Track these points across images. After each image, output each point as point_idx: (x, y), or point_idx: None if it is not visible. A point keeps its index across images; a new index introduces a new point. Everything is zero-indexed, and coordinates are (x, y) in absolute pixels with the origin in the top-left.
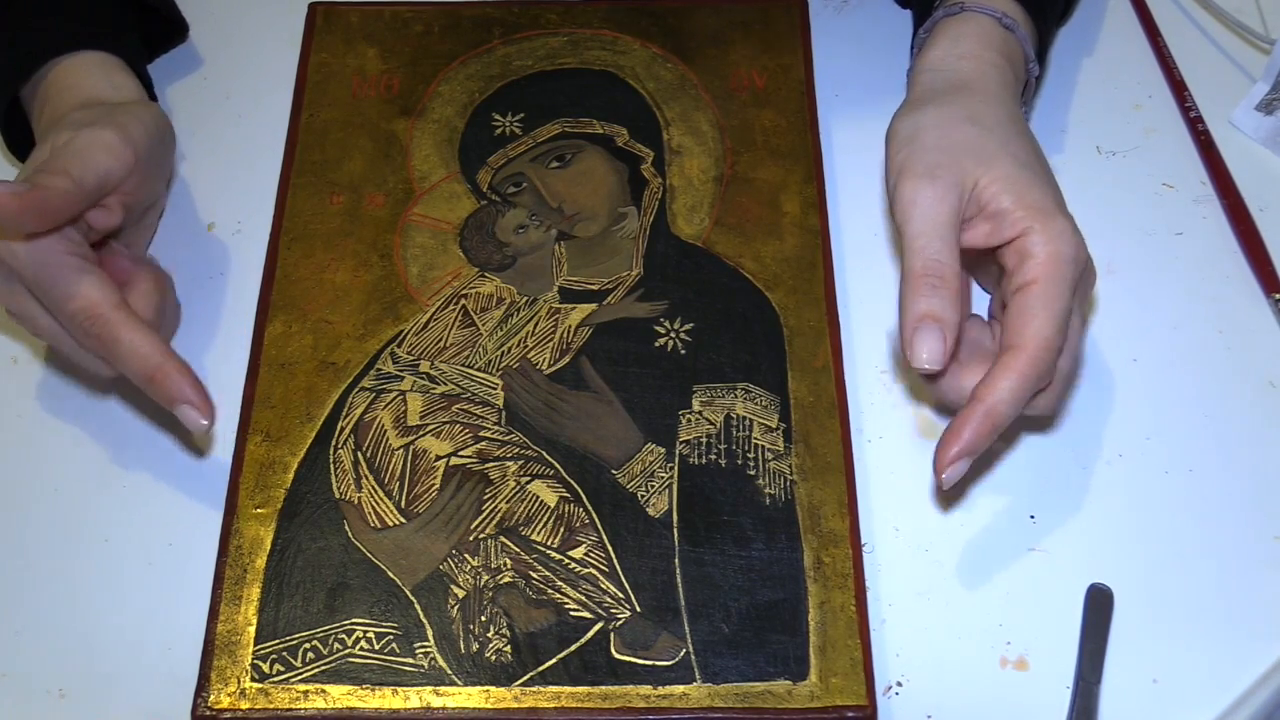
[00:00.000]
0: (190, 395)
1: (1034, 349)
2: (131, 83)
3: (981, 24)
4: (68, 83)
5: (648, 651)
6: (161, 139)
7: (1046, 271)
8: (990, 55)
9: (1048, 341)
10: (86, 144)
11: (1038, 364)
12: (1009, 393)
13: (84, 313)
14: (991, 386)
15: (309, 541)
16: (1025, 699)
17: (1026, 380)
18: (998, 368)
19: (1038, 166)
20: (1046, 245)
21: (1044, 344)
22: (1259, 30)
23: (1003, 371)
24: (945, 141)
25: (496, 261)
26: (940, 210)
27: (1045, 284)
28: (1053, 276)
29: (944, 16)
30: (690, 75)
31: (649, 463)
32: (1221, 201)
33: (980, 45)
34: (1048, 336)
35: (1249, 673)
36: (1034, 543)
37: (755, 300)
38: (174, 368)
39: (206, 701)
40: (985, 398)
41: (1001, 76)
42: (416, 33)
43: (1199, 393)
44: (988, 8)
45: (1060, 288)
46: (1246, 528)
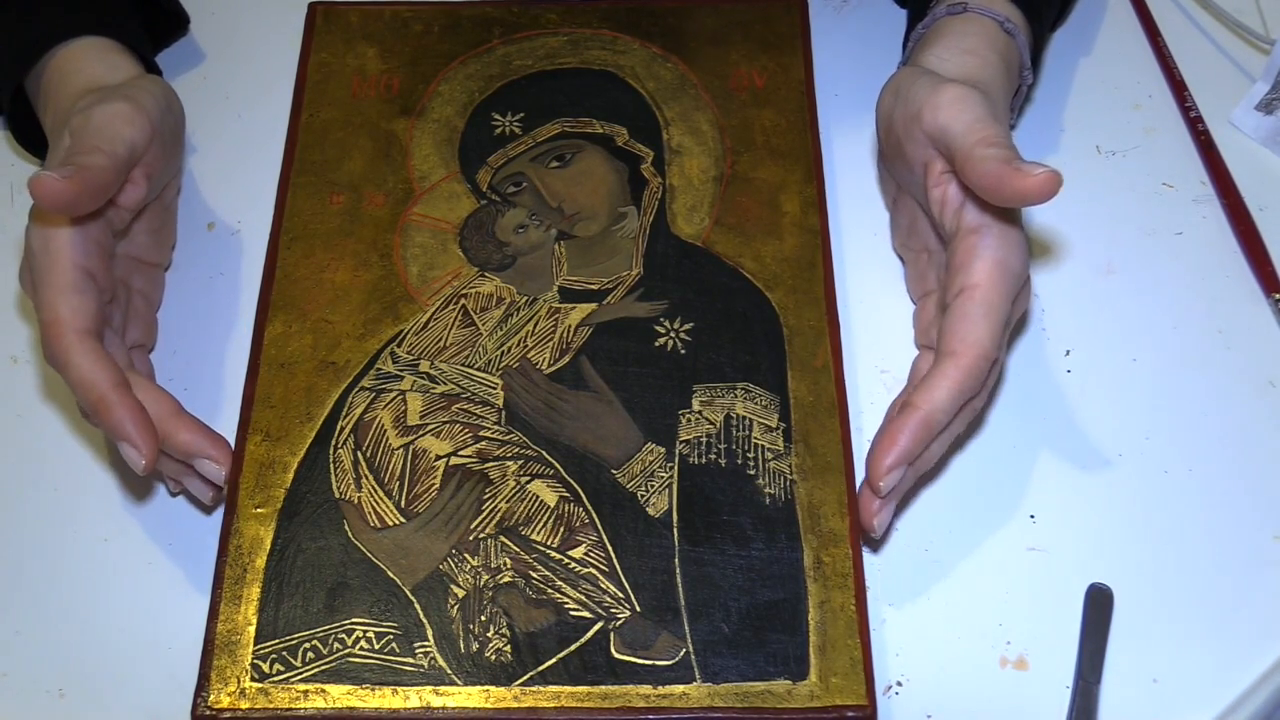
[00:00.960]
0: (130, 433)
1: (973, 358)
2: (128, 62)
3: (985, 26)
4: (66, 70)
5: (648, 651)
6: (169, 107)
7: (990, 279)
8: (993, 58)
9: (986, 352)
10: (104, 118)
11: (975, 374)
12: (947, 400)
13: (46, 325)
14: (929, 393)
15: (309, 541)
16: (1025, 699)
17: (963, 391)
18: (935, 374)
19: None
20: (996, 251)
21: (982, 354)
22: (1259, 30)
23: (940, 379)
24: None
25: (496, 261)
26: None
27: (987, 291)
28: (995, 285)
29: (946, 14)
30: (690, 75)
31: (649, 462)
32: (1221, 201)
33: (985, 46)
34: (987, 345)
35: (1249, 673)
36: (1034, 543)
37: (755, 300)
38: (119, 400)
39: (206, 701)
40: (922, 405)
41: (1001, 82)
42: (416, 32)
43: (1199, 393)
44: (991, 10)
45: (1001, 298)
46: (1246, 528)
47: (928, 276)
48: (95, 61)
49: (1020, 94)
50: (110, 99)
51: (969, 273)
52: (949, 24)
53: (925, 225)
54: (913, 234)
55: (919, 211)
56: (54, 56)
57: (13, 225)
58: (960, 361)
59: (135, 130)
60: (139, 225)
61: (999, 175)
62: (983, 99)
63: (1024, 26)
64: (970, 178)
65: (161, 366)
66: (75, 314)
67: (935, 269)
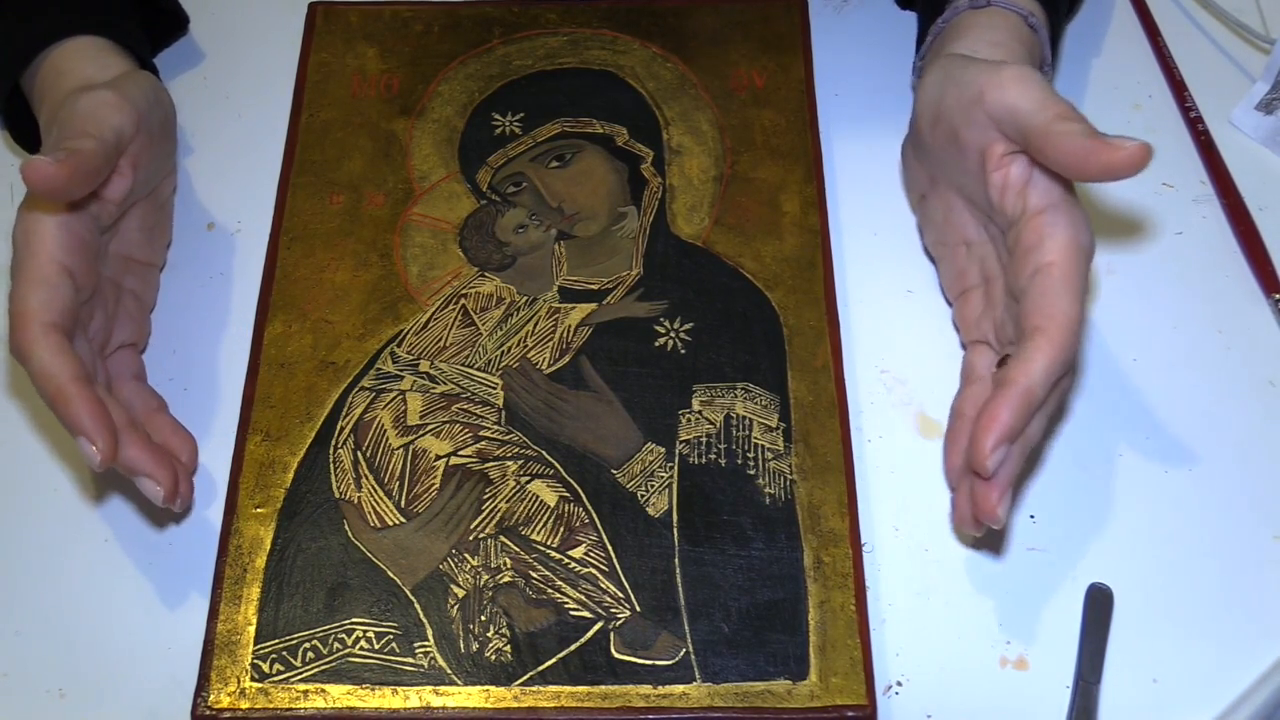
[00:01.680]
0: (86, 427)
1: (1064, 331)
2: (122, 61)
3: (1010, 20)
4: (61, 69)
5: (648, 651)
6: (158, 100)
7: (1067, 255)
8: (1020, 51)
9: (1075, 324)
10: (91, 105)
11: (1067, 346)
12: (1043, 373)
13: (14, 316)
14: (1026, 366)
15: (309, 541)
16: (1025, 699)
17: (1057, 363)
18: (1029, 349)
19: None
20: (1067, 229)
21: (1072, 326)
22: (1259, 30)
23: (1034, 352)
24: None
25: (496, 261)
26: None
27: (1065, 267)
28: (1073, 261)
29: (968, 9)
30: (690, 75)
31: (649, 462)
32: (1221, 201)
33: (1012, 39)
34: (1075, 319)
35: (1249, 673)
36: (1034, 543)
37: (755, 300)
38: (77, 394)
39: (206, 701)
40: (1020, 379)
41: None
42: (416, 32)
43: (1199, 392)
44: (1014, 5)
45: (1079, 272)
46: (1246, 527)
47: (968, 272)
48: (88, 61)
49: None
50: (96, 89)
51: (1043, 251)
52: (973, 18)
53: (965, 217)
54: (949, 228)
55: (956, 202)
56: (49, 56)
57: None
58: (1052, 335)
59: (122, 117)
60: (131, 222)
61: (1086, 149)
62: (1043, 79)
63: (1044, 22)
64: (1052, 154)
65: (161, 366)
66: (44, 307)
67: (976, 262)
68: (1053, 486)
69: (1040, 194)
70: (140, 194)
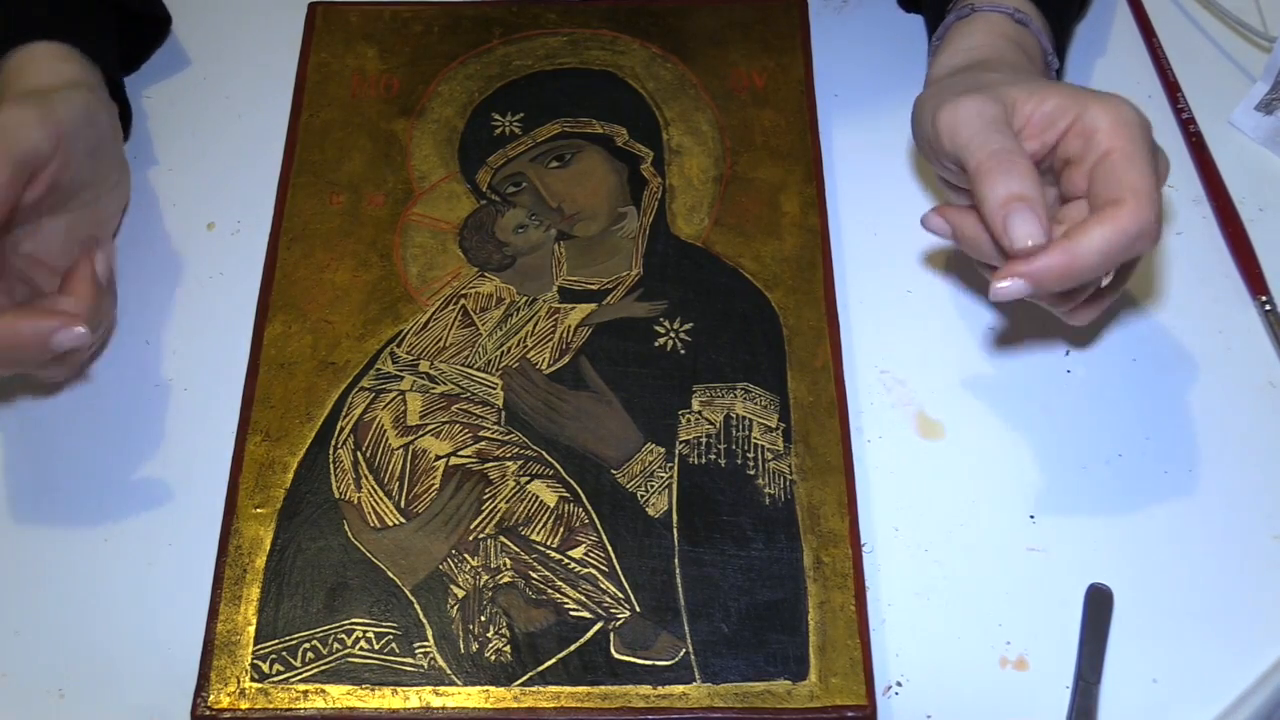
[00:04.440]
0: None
1: (1133, 201)
2: (77, 71)
3: (992, 20)
4: (19, 69)
5: (647, 651)
6: (90, 121)
7: (1120, 136)
8: (1002, 43)
9: (1145, 194)
10: (10, 121)
11: (1138, 217)
12: (1100, 240)
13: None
14: (1084, 232)
15: (309, 541)
16: (1025, 699)
17: (1124, 233)
18: (1093, 219)
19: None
20: (1107, 114)
21: (1142, 197)
22: (1259, 29)
23: (1098, 221)
24: (969, 82)
25: (496, 261)
26: (985, 109)
27: (1125, 145)
28: (1128, 138)
29: (955, 20)
30: (690, 75)
31: (649, 462)
32: (1211, 204)
33: (991, 36)
34: (1143, 189)
35: (1249, 673)
36: (1034, 543)
37: (755, 300)
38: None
39: (206, 701)
40: (1074, 237)
41: (1014, 58)
42: (416, 33)
43: (1199, 393)
44: (998, 6)
45: (1139, 145)
46: (1246, 528)
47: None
48: (44, 68)
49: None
50: (19, 104)
51: (1094, 146)
52: (956, 29)
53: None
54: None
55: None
56: (10, 59)
57: None
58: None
59: (40, 134)
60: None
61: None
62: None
63: (1038, 16)
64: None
65: (161, 366)
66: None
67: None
68: (1053, 486)
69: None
70: (58, 208)
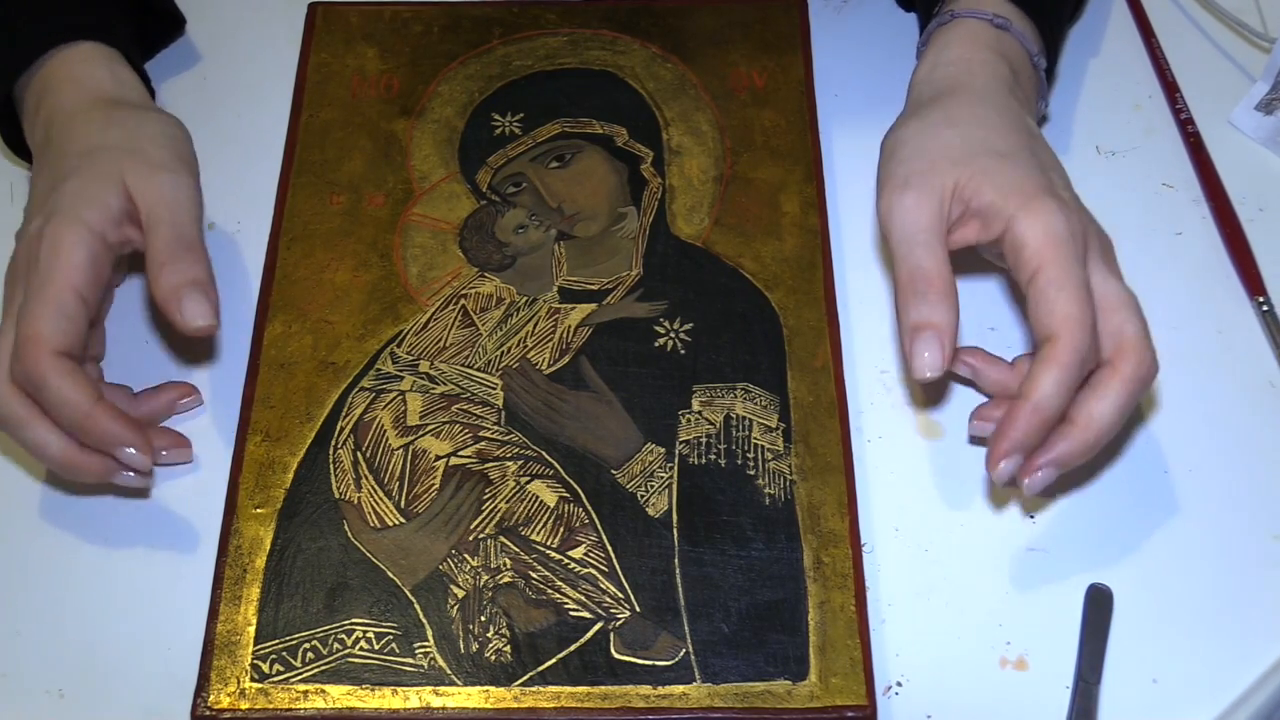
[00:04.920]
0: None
1: (1065, 333)
2: (131, 76)
3: (970, 27)
4: (69, 74)
5: (647, 651)
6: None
7: (1045, 256)
8: (979, 54)
9: (1075, 321)
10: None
11: (1075, 348)
12: (1052, 385)
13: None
14: (1035, 382)
15: (309, 541)
16: (1025, 699)
17: (1068, 368)
18: (1037, 362)
19: (1021, 154)
20: (1034, 228)
21: (1073, 325)
22: (1259, 29)
23: (1043, 366)
24: (921, 150)
25: (496, 261)
26: (919, 217)
27: (1049, 268)
28: (1054, 258)
29: (936, 27)
30: (690, 75)
31: (649, 463)
32: (1210, 204)
33: (968, 48)
34: (1073, 316)
35: (1249, 673)
36: (1034, 543)
37: (755, 300)
38: (104, 412)
39: (206, 701)
40: (1031, 394)
41: (991, 71)
42: (416, 33)
43: (1199, 393)
44: (978, 11)
45: (1065, 266)
46: (1246, 528)
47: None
48: (99, 69)
49: (1042, 82)
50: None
51: (1024, 262)
52: (938, 36)
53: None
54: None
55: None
56: (48, 61)
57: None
58: (1056, 342)
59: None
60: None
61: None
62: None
63: (1020, 18)
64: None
65: (161, 366)
66: (58, 333)
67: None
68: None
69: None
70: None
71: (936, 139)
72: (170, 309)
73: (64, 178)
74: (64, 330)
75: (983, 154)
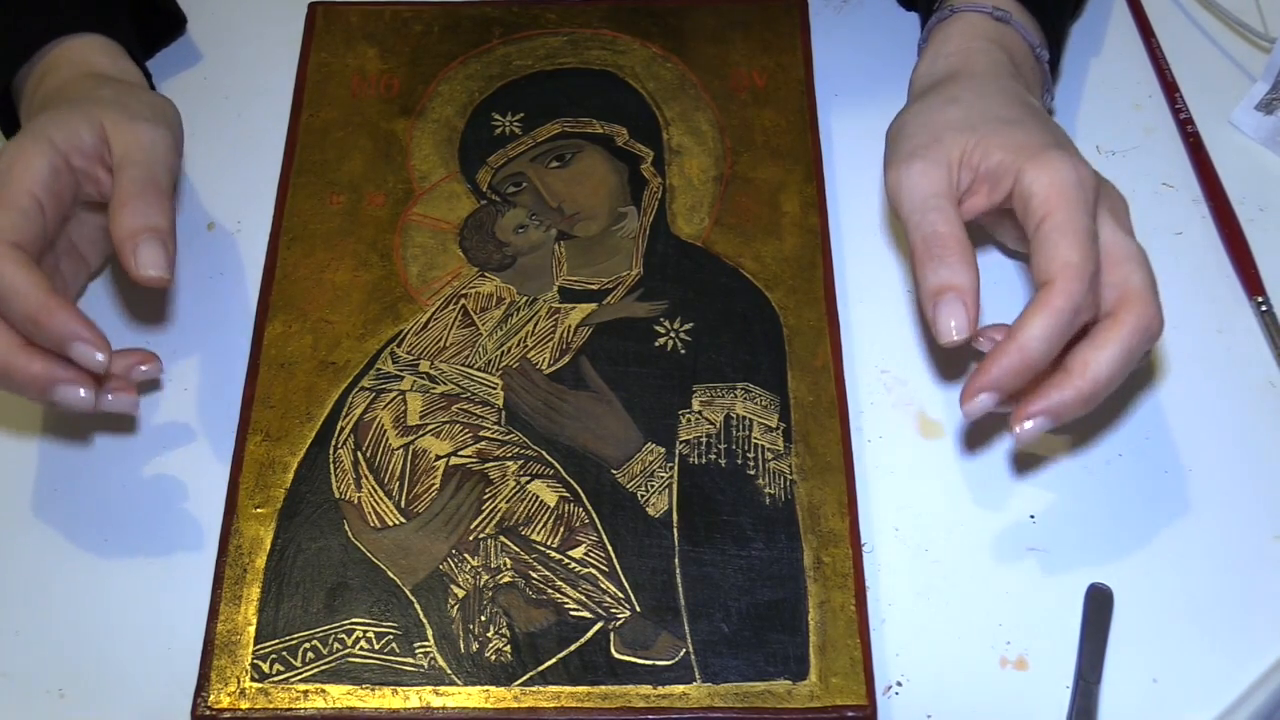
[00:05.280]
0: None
1: (1062, 279)
2: (133, 67)
3: (969, 20)
4: (70, 58)
5: (648, 651)
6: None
7: (1052, 203)
8: (977, 43)
9: (1074, 268)
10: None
11: (1069, 294)
12: (1040, 328)
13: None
14: (1024, 324)
15: (309, 541)
16: (1025, 699)
17: (1060, 313)
18: (1030, 306)
19: (1028, 119)
20: (1042, 177)
21: (1071, 271)
22: (1259, 29)
23: (1034, 309)
24: (925, 125)
25: (496, 261)
26: (928, 183)
27: (1056, 214)
28: (1061, 204)
29: (936, 23)
30: (690, 75)
31: (649, 462)
32: (1209, 204)
33: (967, 39)
34: (1072, 263)
35: (1249, 673)
36: (1034, 543)
37: (755, 300)
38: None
39: (206, 701)
40: (1016, 334)
41: (990, 57)
42: (416, 32)
43: (1199, 392)
44: (977, 5)
45: (1072, 212)
46: (1246, 528)
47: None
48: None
49: (1045, 75)
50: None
51: (1032, 213)
52: (938, 31)
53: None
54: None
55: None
56: (49, 52)
57: None
58: (1051, 288)
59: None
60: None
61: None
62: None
63: (1020, 11)
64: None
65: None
66: (11, 228)
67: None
68: (1053, 486)
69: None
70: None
71: (941, 115)
72: (125, 252)
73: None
74: (18, 225)
75: (988, 120)
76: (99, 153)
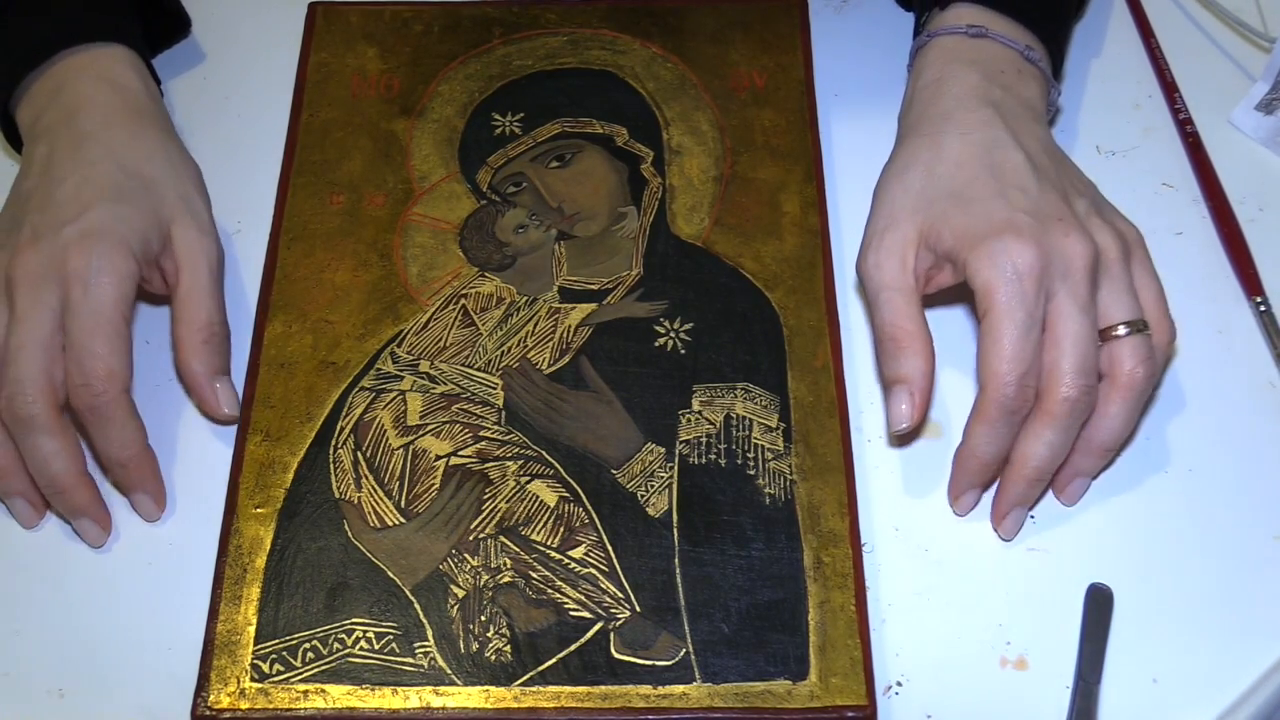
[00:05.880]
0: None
1: (990, 387)
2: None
3: (944, 44)
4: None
5: (648, 651)
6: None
7: (989, 299)
8: (950, 68)
9: (998, 378)
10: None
11: (997, 402)
12: (982, 436)
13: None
14: (968, 431)
15: (309, 541)
16: (1025, 699)
17: (993, 421)
18: (971, 412)
19: (977, 187)
20: (982, 271)
21: (995, 381)
22: (1259, 29)
23: (973, 416)
24: (888, 200)
25: (496, 261)
26: (884, 274)
27: (990, 312)
28: (994, 302)
29: (916, 49)
30: (690, 75)
31: (649, 462)
32: (1209, 204)
33: (940, 68)
34: (998, 372)
35: (1249, 673)
36: (1034, 543)
37: (755, 300)
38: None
39: (206, 701)
40: (967, 441)
41: (959, 86)
42: (416, 32)
43: (1199, 393)
44: (953, 27)
45: (1003, 311)
46: (1246, 528)
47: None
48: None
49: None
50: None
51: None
52: (916, 61)
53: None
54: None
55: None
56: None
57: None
58: (981, 395)
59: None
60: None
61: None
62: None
63: (1000, 21)
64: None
65: (161, 367)
66: (127, 369)
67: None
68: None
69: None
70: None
71: (901, 185)
72: (204, 389)
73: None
74: (128, 363)
75: (941, 197)
76: (158, 256)
